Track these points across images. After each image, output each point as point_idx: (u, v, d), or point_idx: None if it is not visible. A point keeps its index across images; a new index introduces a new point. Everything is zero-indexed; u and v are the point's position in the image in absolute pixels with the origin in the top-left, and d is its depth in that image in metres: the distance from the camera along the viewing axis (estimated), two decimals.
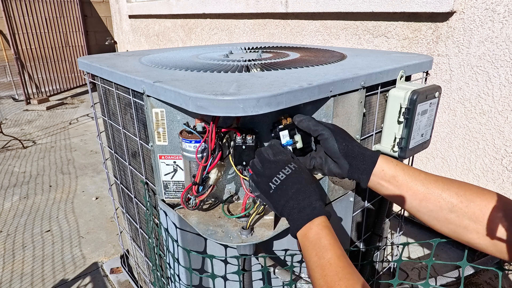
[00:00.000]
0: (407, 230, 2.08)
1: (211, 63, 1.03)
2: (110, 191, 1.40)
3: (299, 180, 0.66)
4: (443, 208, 0.63)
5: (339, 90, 0.79)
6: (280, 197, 0.66)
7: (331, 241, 0.59)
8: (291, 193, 0.65)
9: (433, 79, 1.83)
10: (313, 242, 0.60)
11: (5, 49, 5.62)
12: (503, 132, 1.64)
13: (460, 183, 0.64)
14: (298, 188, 0.65)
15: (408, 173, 0.67)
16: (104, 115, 1.23)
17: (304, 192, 0.65)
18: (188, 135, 0.77)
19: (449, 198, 0.62)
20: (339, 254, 0.58)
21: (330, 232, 0.61)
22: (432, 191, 0.64)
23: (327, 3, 2.15)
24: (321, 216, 0.62)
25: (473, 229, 0.60)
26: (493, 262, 0.77)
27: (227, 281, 0.96)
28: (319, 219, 0.62)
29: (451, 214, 0.62)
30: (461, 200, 0.61)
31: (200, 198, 0.80)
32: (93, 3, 6.63)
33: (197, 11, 3.38)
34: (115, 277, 1.78)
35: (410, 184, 0.66)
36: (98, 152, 3.53)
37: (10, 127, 4.36)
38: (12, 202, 2.58)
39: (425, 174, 0.66)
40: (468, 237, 0.61)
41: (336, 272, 0.55)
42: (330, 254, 0.57)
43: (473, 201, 0.61)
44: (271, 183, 0.67)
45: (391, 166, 0.68)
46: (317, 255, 0.58)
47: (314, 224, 0.61)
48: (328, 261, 0.57)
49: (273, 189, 0.67)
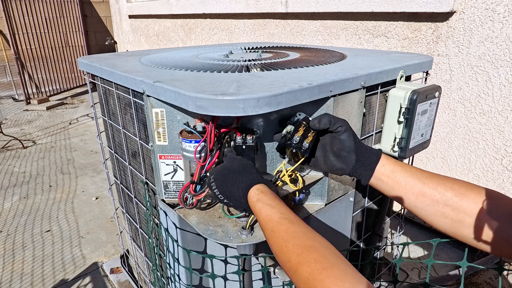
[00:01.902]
0: (407, 230, 2.08)
1: (211, 63, 1.03)
2: (110, 191, 1.40)
3: (224, 182, 0.70)
4: (438, 202, 0.64)
5: (339, 90, 0.79)
6: (230, 199, 0.70)
7: (266, 206, 0.64)
8: (229, 193, 0.69)
9: (433, 79, 1.83)
10: (261, 219, 0.64)
11: (5, 49, 5.62)
12: (503, 132, 1.64)
13: (454, 179, 0.66)
14: (227, 186, 0.69)
15: (405, 169, 0.69)
16: (104, 115, 1.23)
17: (231, 186, 0.69)
18: (188, 135, 0.77)
19: (444, 192, 0.64)
20: (276, 212, 0.62)
21: (262, 200, 0.65)
22: (427, 186, 0.65)
23: (327, 3, 2.15)
24: (255, 187, 0.67)
25: (469, 223, 0.61)
26: (493, 262, 0.77)
27: (227, 281, 0.96)
28: (252, 192, 0.66)
29: (446, 207, 0.63)
30: (455, 194, 0.63)
31: (198, 198, 0.80)
32: (93, 3, 6.63)
33: (197, 11, 3.38)
34: (115, 277, 1.78)
35: (407, 179, 0.67)
36: (98, 152, 3.53)
37: (10, 127, 4.36)
38: (12, 202, 2.58)
39: (421, 171, 0.68)
40: (465, 232, 0.62)
41: (276, 229, 0.60)
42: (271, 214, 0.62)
43: (467, 195, 0.62)
44: (224, 200, 0.71)
45: (390, 162, 0.70)
46: (263, 231, 0.63)
47: (251, 202, 0.66)
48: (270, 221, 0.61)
49: (223, 199, 0.71)
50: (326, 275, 0.50)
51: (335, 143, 0.73)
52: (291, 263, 0.55)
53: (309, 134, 0.73)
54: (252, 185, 0.67)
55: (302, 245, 0.56)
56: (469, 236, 0.61)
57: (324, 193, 0.89)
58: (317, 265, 0.52)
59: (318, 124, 0.72)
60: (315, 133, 0.73)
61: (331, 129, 0.72)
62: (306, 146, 0.72)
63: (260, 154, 0.82)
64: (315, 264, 0.52)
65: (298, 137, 0.72)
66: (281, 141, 0.75)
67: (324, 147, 0.75)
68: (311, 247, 0.55)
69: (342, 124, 0.71)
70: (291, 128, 0.74)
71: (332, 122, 0.71)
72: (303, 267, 0.53)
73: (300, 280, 0.53)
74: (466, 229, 0.62)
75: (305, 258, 0.53)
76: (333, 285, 0.49)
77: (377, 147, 0.99)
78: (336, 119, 0.72)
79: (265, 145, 0.82)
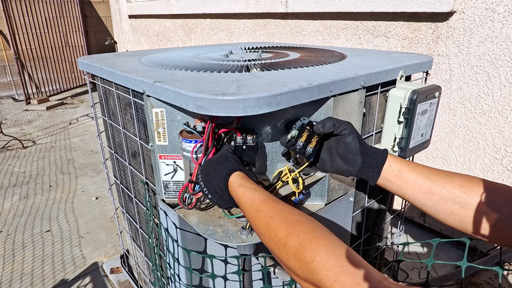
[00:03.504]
0: (407, 230, 2.08)
1: (211, 63, 1.03)
2: (110, 191, 1.40)
3: (208, 174, 0.71)
4: (447, 200, 0.64)
5: (339, 90, 0.79)
6: (215, 197, 0.71)
7: (246, 192, 0.65)
8: (212, 188, 0.70)
9: (433, 79, 1.83)
10: (240, 203, 0.66)
11: (5, 49, 5.62)
12: (503, 132, 1.64)
13: (462, 175, 0.66)
14: (209, 178, 0.71)
15: (412, 168, 0.68)
16: (104, 115, 1.23)
17: (213, 177, 0.70)
18: (188, 135, 0.77)
19: (452, 189, 0.64)
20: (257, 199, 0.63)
21: (245, 185, 0.67)
22: (435, 184, 0.65)
23: (327, 3, 2.15)
24: (236, 173, 0.68)
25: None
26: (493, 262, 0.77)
27: (227, 281, 0.96)
28: (233, 178, 0.68)
29: (455, 205, 0.63)
30: (464, 191, 0.63)
31: (196, 196, 0.80)
32: (93, 3, 6.63)
33: (197, 11, 3.38)
34: (115, 277, 1.78)
35: (415, 178, 0.67)
36: (98, 152, 3.53)
37: (10, 127, 4.36)
38: (12, 202, 2.58)
39: (429, 169, 0.68)
40: (476, 228, 0.62)
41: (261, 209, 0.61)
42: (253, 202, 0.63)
43: (475, 191, 0.62)
44: (208, 194, 0.72)
45: (396, 162, 0.70)
46: (247, 214, 0.64)
47: (233, 187, 0.67)
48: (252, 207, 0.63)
49: (207, 193, 0.72)
50: (316, 243, 0.51)
51: (340, 146, 0.73)
52: (278, 237, 0.56)
53: (313, 139, 0.73)
54: (232, 172, 0.68)
55: (290, 220, 0.57)
56: (480, 232, 0.62)
57: (324, 193, 0.89)
58: (306, 235, 0.53)
59: (322, 128, 0.72)
60: (319, 137, 0.73)
61: (336, 132, 0.72)
62: (310, 151, 0.72)
63: (260, 154, 0.82)
64: (304, 234, 0.53)
65: (301, 142, 0.72)
66: (286, 145, 0.76)
67: (330, 149, 0.76)
68: (298, 221, 0.57)
69: (346, 127, 0.71)
70: (295, 133, 0.74)
71: (336, 125, 0.71)
72: (292, 238, 0.54)
73: (290, 252, 0.53)
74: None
75: (294, 230, 0.55)
76: (323, 251, 0.50)
77: (377, 147, 0.99)
78: (340, 122, 0.72)
79: (266, 145, 0.82)
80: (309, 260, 0.50)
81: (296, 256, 0.52)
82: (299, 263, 0.52)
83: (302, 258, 0.51)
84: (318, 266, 0.49)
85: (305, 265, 0.51)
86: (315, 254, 0.50)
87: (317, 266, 0.49)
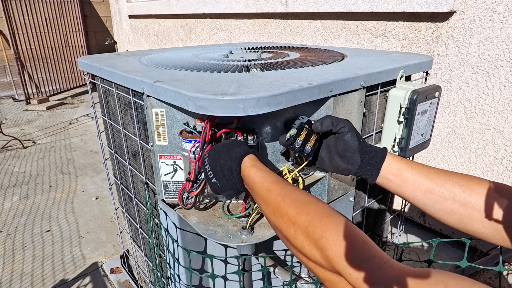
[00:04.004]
0: (407, 230, 2.08)
1: (211, 63, 1.03)
2: (110, 191, 1.40)
3: (218, 155, 0.70)
4: (447, 199, 0.64)
5: (339, 90, 0.79)
6: (220, 182, 0.70)
7: (258, 177, 0.64)
8: (221, 175, 0.69)
9: (433, 79, 1.83)
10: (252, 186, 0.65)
11: (5, 49, 5.62)
12: (503, 132, 1.64)
13: (461, 174, 0.66)
14: (219, 159, 0.70)
15: (412, 167, 0.68)
16: (104, 115, 1.23)
17: (224, 157, 0.69)
18: (188, 135, 0.77)
19: (451, 188, 0.64)
20: (272, 181, 0.63)
21: (257, 166, 0.66)
22: (435, 183, 0.65)
23: (327, 3, 2.15)
24: (250, 156, 0.68)
25: (478, 218, 0.61)
26: (493, 262, 0.77)
27: (227, 281, 0.96)
28: (246, 159, 0.67)
29: (455, 203, 0.63)
30: (463, 190, 0.63)
31: (192, 194, 0.80)
32: (93, 3, 6.63)
33: (197, 11, 3.38)
34: (115, 277, 1.78)
35: (415, 177, 0.67)
36: (98, 152, 3.53)
37: (10, 127, 4.36)
38: (12, 202, 2.58)
39: (428, 168, 0.68)
40: (474, 227, 0.62)
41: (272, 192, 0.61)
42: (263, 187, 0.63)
43: (475, 190, 0.62)
44: (213, 178, 0.71)
45: (396, 160, 0.70)
46: (257, 194, 0.64)
47: (245, 167, 0.67)
48: (267, 190, 0.62)
49: (214, 179, 0.71)
50: (326, 221, 0.52)
51: (339, 144, 0.73)
52: (288, 215, 0.56)
53: (311, 137, 0.73)
54: (246, 154, 0.68)
55: (300, 200, 0.57)
56: (480, 231, 0.62)
57: (324, 193, 0.89)
58: (316, 214, 0.54)
59: (320, 127, 0.72)
60: (318, 136, 0.73)
61: (334, 130, 0.72)
62: (309, 150, 0.72)
63: (261, 154, 0.82)
64: (315, 213, 0.54)
65: (300, 141, 0.72)
66: (285, 145, 0.76)
67: (329, 148, 0.76)
68: (309, 201, 0.57)
69: (345, 124, 0.71)
70: (294, 132, 0.74)
71: (334, 123, 0.71)
72: (302, 217, 0.54)
73: (299, 230, 0.54)
74: (475, 224, 0.62)
75: (304, 209, 0.55)
76: (333, 229, 0.50)
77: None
78: (338, 120, 0.72)
79: (266, 145, 0.82)
80: (318, 237, 0.50)
81: (305, 234, 0.52)
82: (308, 240, 0.52)
83: (311, 235, 0.51)
84: (328, 242, 0.49)
85: (314, 241, 0.51)
86: (325, 231, 0.50)
87: (326, 242, 0.49)
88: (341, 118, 0.73)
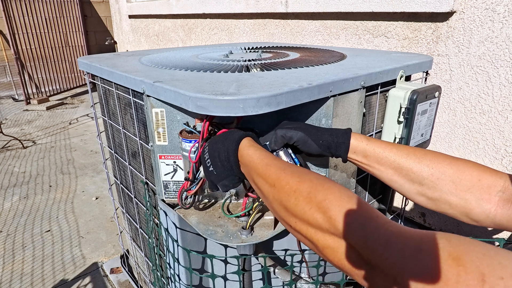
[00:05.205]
0: None
1: (211, 63, 1.03)
2: (110, 191, 1.40)
3: (216, 142, 0.70)
4: (414, 182, 0.65)
5: (339, 90, 0.79)
6: (217, 169, 0.69)
7: (255, 156, 0.64)
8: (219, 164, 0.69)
9: (433, 79, 1.83)
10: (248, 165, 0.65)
11: (5, 49, 5.62)
12: (503, 132, 1.64)
13: (434, 155, 0.66)
14: (217, 144, 0.70)
15: (380, 147, 0.69)
16: (104, 115, 1.23)
17: (222, 142, 0.69)
18: (188, 135, 0.77)
19: (419, 172, 0.64)
20: (266, 163, 0.62)
21: (255, 146, 0.67)
22: (402, 165, 0.66)
23: (327, 3, 2.15)
24: (248, 138, 0.68)
25: (445, 200, 0.63)
26: None
27: (227, 281, 0.96)
28: (244, 141, 0.68)
29: (421, 187, 0.65)
30: (432, 173, 0.63)
31: (190, 193, 0.80)
32: (93, 3, 6.63)
33: (197, 11, 3.38)
34: (115, 277, 1.78)
35: (382, 158, 0.68)
36: (98, 152, 3.53)
37: (10, 127, 4.36)
38: (12, 202, 2.58)
39: (398, 148, 0.68)
40: (444, 208, 0.64)
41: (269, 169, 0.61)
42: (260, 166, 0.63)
43: (445, 173, 0.62)
44: (210, 166, 0.71)
45: (363, 140, 0.70)
46: (256, 170, 0.63)
47: (244, 148, 0.67)
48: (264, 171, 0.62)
49: (210, 168, 0.70)
50: (329, 185, 0.52)
51: (304, 150, 0.73)
52: (290, 184, 0.56)
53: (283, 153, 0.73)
54: (244, 137, 0.69)
55: (300, 171, 0.58)
56: (449, 211, 0.64)
57: None
58: (319, 180, 0.54)
59: (275, 146, 0.72)
60: (285, 149, 0.73)
61: (290, 143, 0.72)
62: None
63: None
64: (317, 180, 0.54)
65: None
66: None
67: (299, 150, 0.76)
68: (309, 172, 0.58)
69: (295, 135, 0.71)
70: None
71: (286, 137, 0.71)
72: (305, 184, 0.54)
73: (300, 196, 0.53)
74: (442, 205, 0.64)
75: (306, 178, 0.56)
76: (337, 192, 0.51)
77: None
78: (289, 132, 0.71)
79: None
80: (321, 199, 0.50)
81: (307, 199, 0.52)
82: (309, 205, 0.51)
83: (313, 199, 0.51)
84: (331, 203, 0.49)
85: (316, 204, 0.51)
86: (328, 194, 0.51)
87: (330, 203, 0.49)
88: (291, 126, 0.73)
